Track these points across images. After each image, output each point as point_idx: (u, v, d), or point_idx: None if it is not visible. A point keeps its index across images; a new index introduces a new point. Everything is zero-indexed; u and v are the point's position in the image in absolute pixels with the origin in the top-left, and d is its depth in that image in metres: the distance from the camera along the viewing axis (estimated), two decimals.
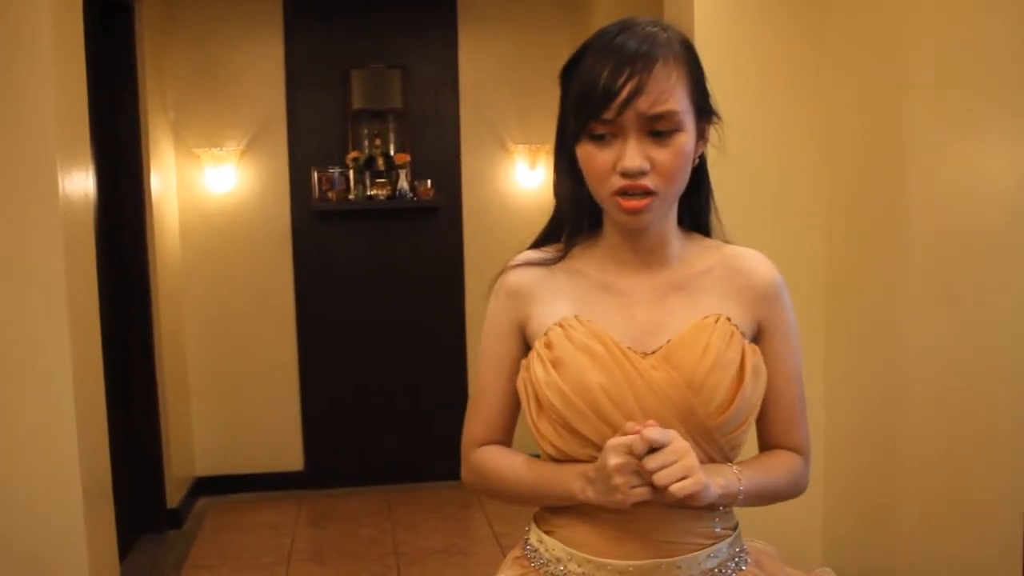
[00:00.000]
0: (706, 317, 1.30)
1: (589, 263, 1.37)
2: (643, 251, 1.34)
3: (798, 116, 3.10)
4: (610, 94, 1.21)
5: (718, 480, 1.23)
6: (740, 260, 1.37)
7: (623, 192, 1.24)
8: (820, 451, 3.16)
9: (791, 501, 1.54)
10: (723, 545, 1.32)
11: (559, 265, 1.37)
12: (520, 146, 5.04)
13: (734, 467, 1.29)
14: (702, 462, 1.23)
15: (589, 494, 1.24)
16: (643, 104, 1.21)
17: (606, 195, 1.27)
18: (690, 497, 1.17)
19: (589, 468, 1.24)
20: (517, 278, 1.38)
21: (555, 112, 1.35)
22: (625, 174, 1.23)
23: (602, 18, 4.40)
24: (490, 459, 1.40)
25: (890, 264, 2.77)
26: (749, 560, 1.36)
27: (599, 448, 1.25)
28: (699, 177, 1.37)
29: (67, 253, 2.67)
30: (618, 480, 1.18)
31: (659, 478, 1.16)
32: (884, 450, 2.85)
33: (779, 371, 1.36)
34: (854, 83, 2.95)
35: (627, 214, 1.26)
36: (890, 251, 2.76)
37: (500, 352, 1.39)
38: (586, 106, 1.23)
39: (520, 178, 5.08)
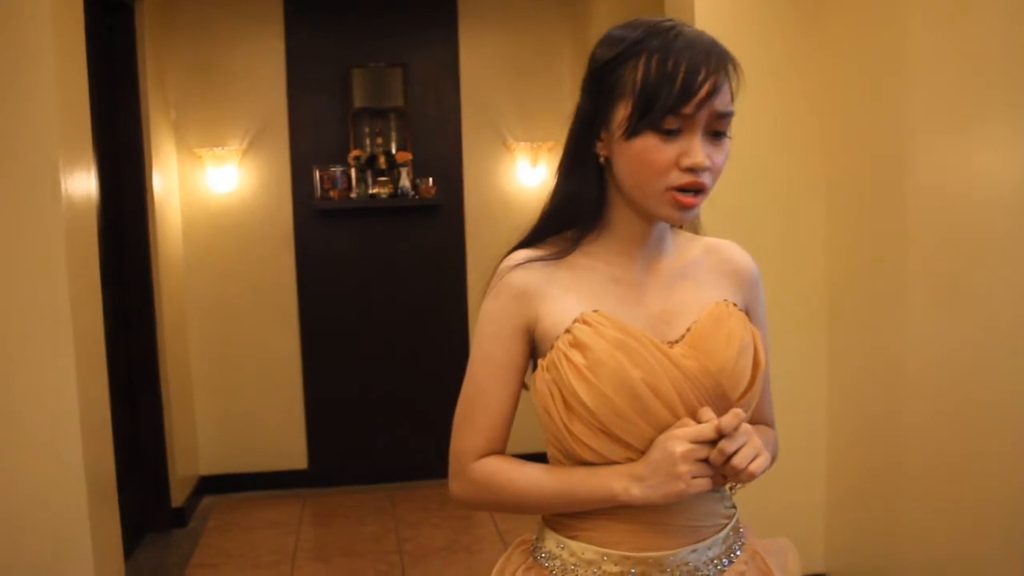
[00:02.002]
0: (718, 303, 1.34)
1: (594, 257, 1.35)
2: (650, 244, 1.36)
3: (799, 115, 3.10)
4: (691, 89, 1.21)
5: None
6: (724, 250, 1.44)
7: (683, 188, 1.25)
8: (822, 449, 3.17)
9: (793, 501, 1.55)
10: (733, 523, 1.37)
11: (561, 263, 1.34)
12: (521, 143, 5.04)
13: None
14: None
15: (635, 492, 1.23)
16: (718, 103, 1.23)
17: (659, 189, 1.26)
18: (762, 472, 1.23)
19: (635, 466, 1.24)
20: (523, 278, 1.33)
21: (556, 110, 1.35)
22: (692, 170, 1.24)
23: (603, 16, 4.40)
24: (499, 470, 1.34)
25: (891, 264, 2.77)
26: (744, 533, 1.42)
27: (635, 448, 1.25)
28: None
29: (69, 253, 2.68)
30: (683, 468, 1.20)
31: (738, 460, 1.20)
32: (886, 451, 2.85)
33: None
34: (855, 82, 2.95)
35: (682, 210, 1.26)
36: (891, 251, 2.76)
37: (503, 357, 1.34)
38: (664, 98, 1.22)
39: (521, 175, 5.08)
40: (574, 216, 1.35)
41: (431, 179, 4.97)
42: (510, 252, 1.38)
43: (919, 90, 2.61)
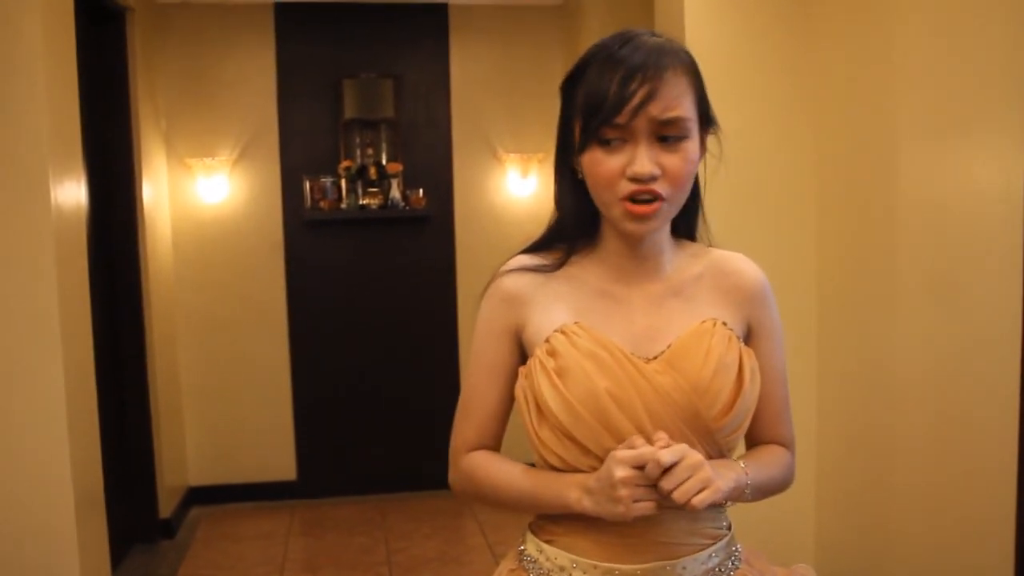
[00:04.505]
0: (704, 322, 1.32)
1: (587, 271, 1.37)
2: (641, 259, 1.35)
3: (788, 121, 3.12)
4: (623, 99, 1.22)
5: (729, 475, 1.26)
6: (727, 263, 1.40)
7: (632, 197, 1.25)
8: (812, 456, 3.17)
9: (783, 506, 1.56)
10: (721, 544, 1.34)
11: (555, 273, 1.37)
12: (512, 155, 5.05)
13: (740, 462, 1.32)
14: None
15: (586, 504, 1.24)
16: (655, 109, 1.23)
17: (613, 201, 1.27)
18: (712, 504, 1.20)
19: (589, 478, 1.24)
20: (513, 283, 1.37)
21: (547, 121, 1.36)
22: (635, 179, 1.24)
23: (593, 27, 4.42)
24: (481, 464, 1.39)
25: (881, 268, 2.78)
26: (742, 558, 1.38)
27: (600, 459, 1.25)
28: (695, 186, 1.38)
29: (59, 263, 2.67)
30: (623, 492, 1.19)
31: (678, 496, 1.17)
32: (876, 455, 2.86)
33: (766, 369, 1.38)
34: (844, 88, 2.96)
35: (635, 220, 1.27)
36: (881, 255, 2.78)
37: (493, 357, 1.38)
38: (597, 111, 1.24)
39: (512, 187, 5.09)
40: (567, 228, 1.39)
41: (421, 190, 4.98)
42: (514, 256, 1.42)
43: (909, 96, 2.63)
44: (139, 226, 4.21)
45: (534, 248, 1.42)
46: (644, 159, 1.24)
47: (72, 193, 2.85)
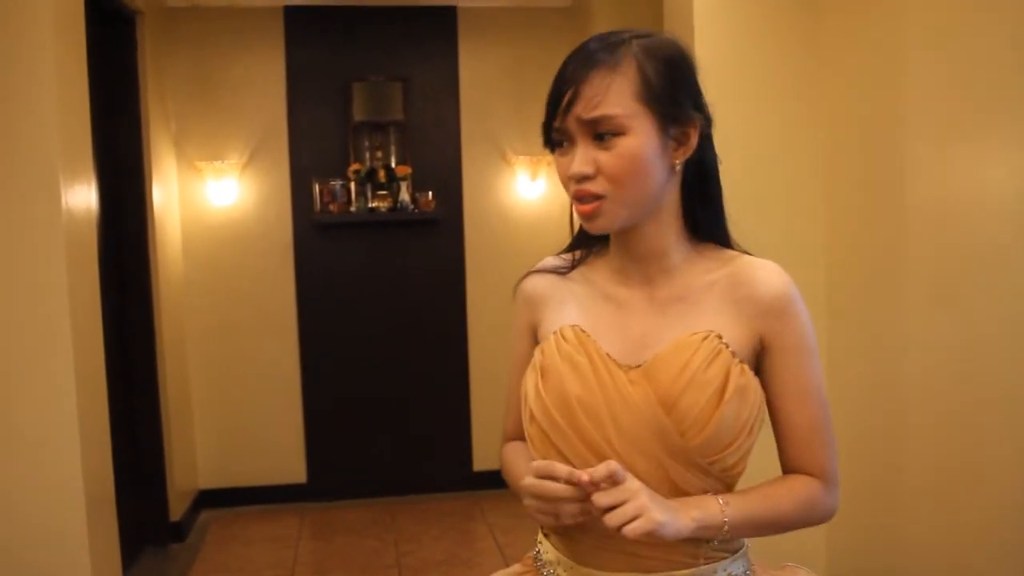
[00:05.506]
0: (694, 334, 1.25)
1: (597, 273, 1.38)
2: (639, 260, 1.32)
3: (797, 122, 3.11)
4: (555, 101, 1.26)
5: (692, 513, 1.18)
6: (747, 272, 1.29)
7: (577, 198, 1.27)
8: None
9: None
10: (717, 566, 1.27)
11: (576, 273, 1.39)
12: (521, 157, 5.05)
13: (719, 498, 1.22)
14: (684, 491, 1.23)
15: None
16: (579, 108, 1.23)
17: (571, 201, 1.29)
18: (647, 535, 1.11)
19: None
20: (532, 284, 1.42)
21: None
22: (572, 179, 1.25)
23: (602, 29, 4.39)
24: (506, 457, 1.47)
25: (890, 269, 2.77)
26: None
27: (571, 462, 1.23)
28: (706, 186, 1.34)
29: (70, 266, 2.67)
30: (527, 501, 1.20)
31: (610, 519, 1.11)
32: (886, 458, 2.85)
33: (788, 388, 1.28)
34: (853, 89, 2.95)
35: (583, 219, 1.28)
36: (890, 257, 2.77)
37: (520, 355, 1.42)
38: (546, 115, 1.29)
39: (521, 189, 5.08)
40: (582, 229, 1.40)
41: (430, 193, 4.98)
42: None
43: (919, 98, 2.62)
44: (149, 229, 4.22)
45: (568, 247, 1.44)
46: (578, 159, 1.24)
47: (83, 196, 2.85)
